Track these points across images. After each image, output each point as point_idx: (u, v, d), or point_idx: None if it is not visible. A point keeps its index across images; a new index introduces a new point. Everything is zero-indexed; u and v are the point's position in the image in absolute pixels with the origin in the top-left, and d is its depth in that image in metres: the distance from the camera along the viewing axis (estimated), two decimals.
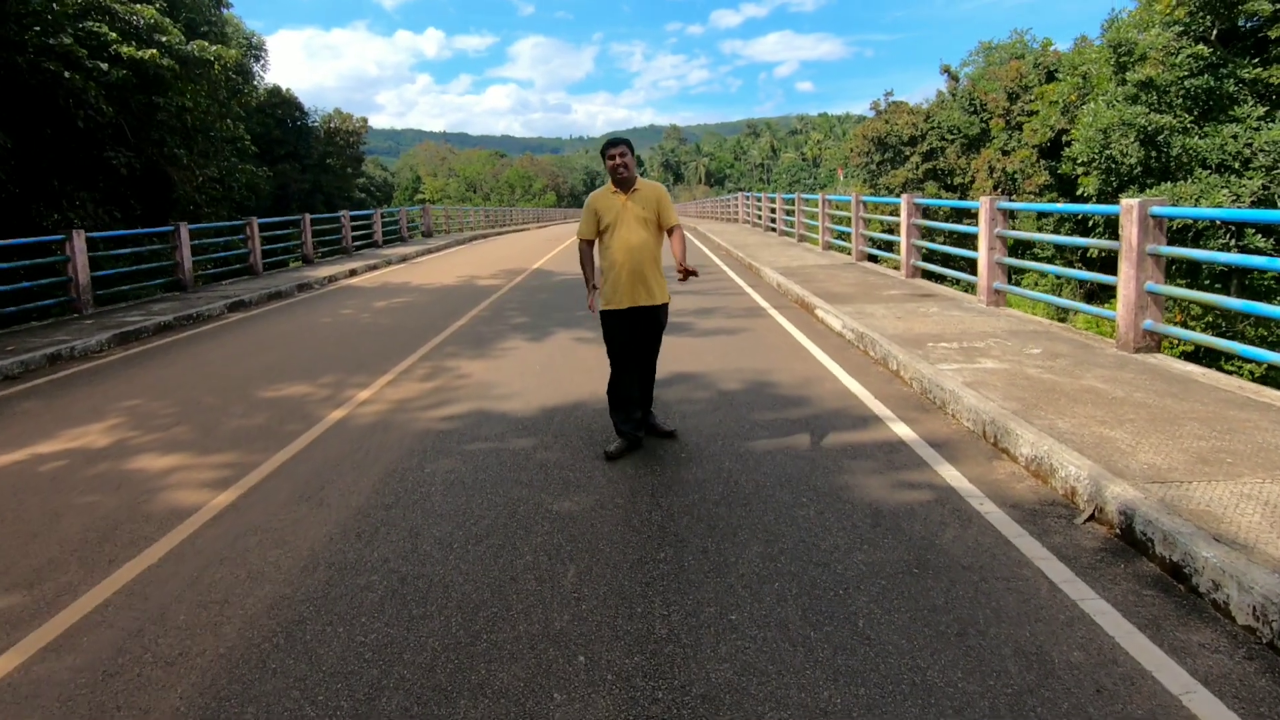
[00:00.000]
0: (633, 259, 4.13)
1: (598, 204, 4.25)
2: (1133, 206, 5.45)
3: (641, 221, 4.16)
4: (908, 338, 6.35)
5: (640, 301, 4.18)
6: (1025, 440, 3.88)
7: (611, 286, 4.19)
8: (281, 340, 8.12)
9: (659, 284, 4.24)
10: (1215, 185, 17.78)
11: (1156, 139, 18.83)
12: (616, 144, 4.18)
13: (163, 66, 14.50)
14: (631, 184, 4.19)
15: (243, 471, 4.20)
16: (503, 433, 4.70)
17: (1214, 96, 18.73)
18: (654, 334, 4.32)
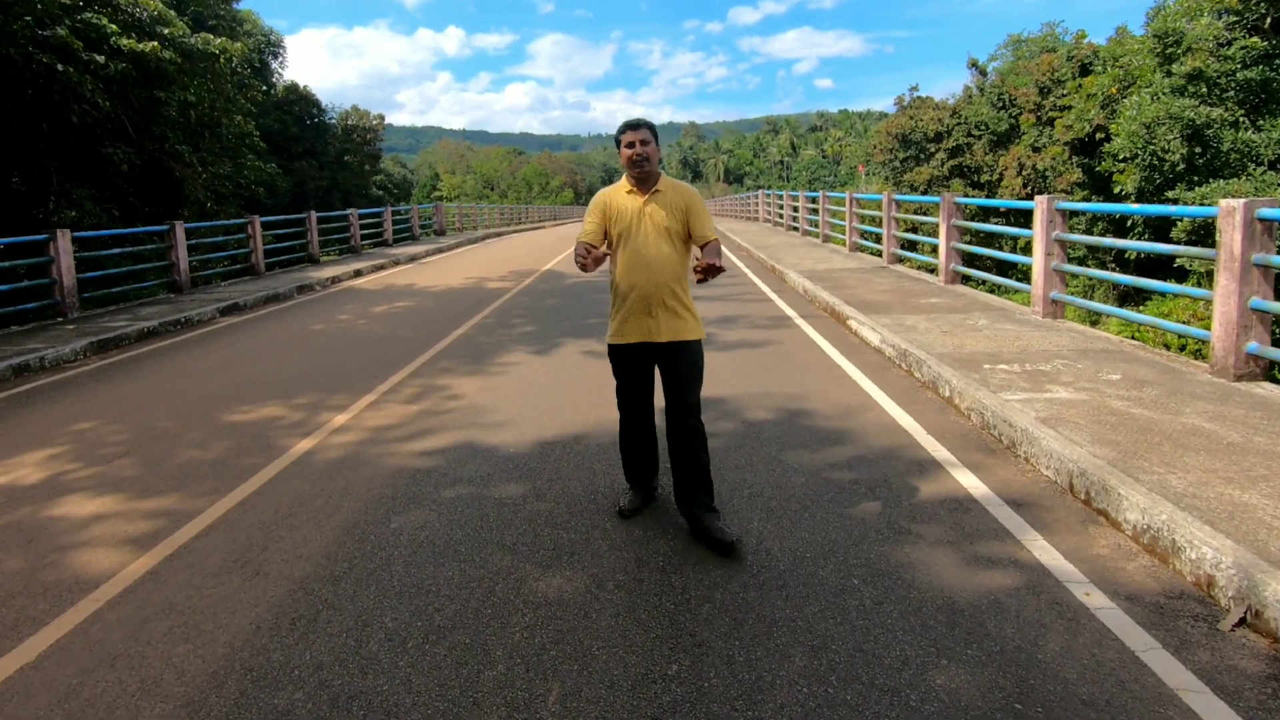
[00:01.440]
0: (649, 280, 3.12)
1: (608, 204, 3.23)
2: (1235, 208, 4.62)
3: (663, 233, 3.17)
4: (959, 357, 5.56)
5: (656, 337, 3.16)
6: (1132, 503, 3.10)
7: (619, 314, 3.23)
8: (266, 350, 7.49)
9: (686, 314, 3.20)
10: (1272, 183, 16.65)
11: (1205, 134, 17.71)
12: (635, 126, 3.16)
13: (165, 60, 14.00)
14: (653, 182, 3.20)
15: (178, 522, 3.53)
16: (489, 474, 3.99)
17: (1269, 89, 17.60)
18: (682, 382, 3.19)
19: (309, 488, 3.89)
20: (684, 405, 3.21)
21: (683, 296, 3.21)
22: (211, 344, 7.99)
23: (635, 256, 3.16)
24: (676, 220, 3.19)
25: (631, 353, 3.25)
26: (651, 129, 3.20)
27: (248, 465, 4.24)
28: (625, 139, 3.17)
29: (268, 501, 3.73)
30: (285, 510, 3.62)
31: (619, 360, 3.32)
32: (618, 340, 3.26)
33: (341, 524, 3.45)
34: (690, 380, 3.22)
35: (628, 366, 3.30)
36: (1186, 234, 17.76)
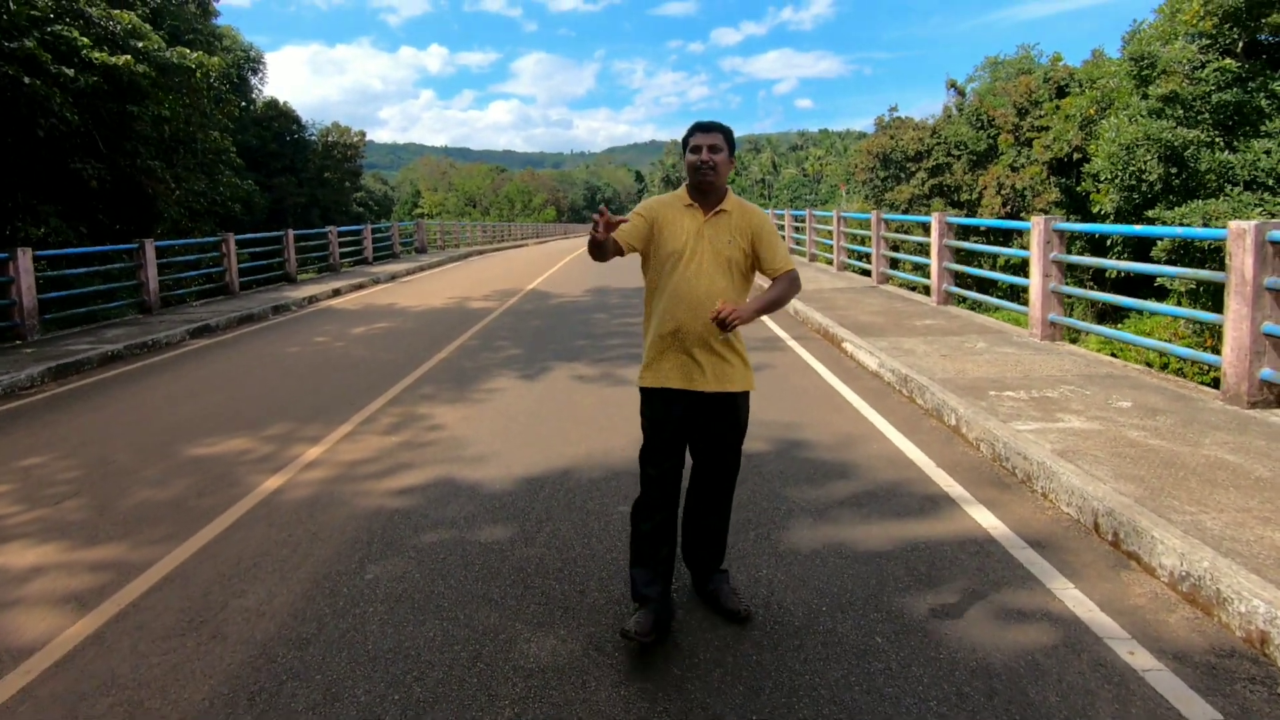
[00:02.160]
0: (695, 319, 2.54)
1: (660, 215, 2.65)
2: (1246, 230, 4.49)
3: (723, 263, 2.59)
4: (962, 383, 5.37)
5: (699, 384, 2.59)
6: (1168, 547, 2.89)
7: (657, 351, 2.62)
8: (237, 375, 7.13)
9: (735, 358, 2.63)
10: (1249, 204, 16.88)
11: (1183, 155, 17.95)
12: (707, 129, 2.60)
13: (138, 74, 13.65)
14: (718, 198, 2.64)
15: (127, 575, 3.20)
16: (472, 515, 3.70)
17: (1242, 111, 17.91)
18: (726, 440, 2.69)
19: (276, 533, 3.57)
20: (722, 472, 2.72)
21: (734, 340, 2.64)
22: (179, 368, 7.61)
23: (684, 287, 2.56)
24: (740, 248, 2.62)
25: (669, 401, 2.62)
26: (727, 135, 2.63)
27: (209, 506, 3.91)
28: (694, 141, 2.61)
29: (229, 549, 3.41)
30: (248, 560, 3.30)
31: (653, 408, 2.66)
32: (653, 383, 2.63)
33: (311, 575, 3.14)
34: (736, 443, 2.72)
35: (663, 418, 2.63)
36: (1166, 253, 17.94)
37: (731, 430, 2.70)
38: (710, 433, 2.69)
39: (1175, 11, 18.36)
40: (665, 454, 2.65)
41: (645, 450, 2.70)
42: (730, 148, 2.63)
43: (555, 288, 13.87)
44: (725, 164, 2.61)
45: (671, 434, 2.65)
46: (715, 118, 2.77)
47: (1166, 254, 17.80)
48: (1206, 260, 17.65)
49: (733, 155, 2.65)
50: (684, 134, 2.71)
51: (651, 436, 2.67)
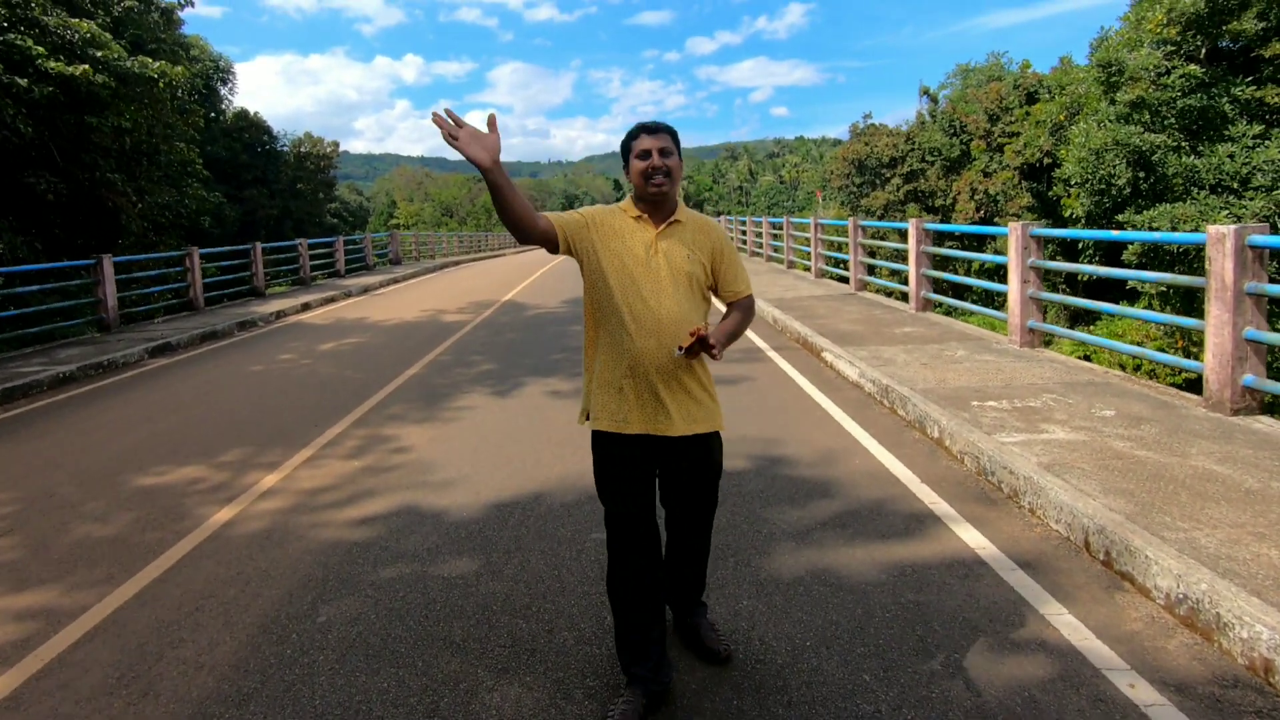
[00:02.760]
0: (661, 347, 2.20)
1: (601, 221, 2.29)
2: (1225, 234, 4.43)
3: (683, 279, 2.25)
4: (944, 393, 5.26)
5: (668, 428, 2.24)
6: (1163, 567, 2.76)
7: (610, 387, 2.25)
8: (195, 397, 6.84)
9: (704, 395, 2.32)
10: (1215, 207, 17.15)
11: (1151, 159, 18.23)
12: (654, 130, 2.27)
13: (97, 84, 13.26)
14: (670, 209, 2.31)
15: (56, 624, 2.95)
16: (436, 547, 3.49)
17: (1207, 116, 18.23)
18: (700, 491, 2.42)
19: (223, 571, 3.33)
20: (698, 521, 2.47)
21: (700, 372, 2.32)
22: (134, 390, 7.29)
23: (643, 310, 2.20)
24: (700, 264, 2.29)
25: (627, 445, 2.26)
26: (675, 136, 2.30)
27: (152, 543, 3.66)
28: (640, 145, 2.24)
29: (170, 592, 3.17)
30: (191, 603, 3.06)
31: (611, 457, 2.28)
32: (609, 426, 2.24)
33: (258, 620, 2.91)
34: (711, 488, 2.44)
35: (625, 469, 2.27)
36: (1137, 257, 18.18)
37: (706, 473, 2.41)
38: (684, 482, 2.39)
39: (1140, 19, 18.70)
40: (631, 487, 2.29)
41: (604, 485, 2.32)
42: (679, 149, 2.31)
43: (532, 299, 13.66)
44: (678, 169, 2.28)
45: (637, 487, 2.31)
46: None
47: (1137, 257, 18.04)
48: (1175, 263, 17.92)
49: (681, 158, 2.32)
50: (624, 138, 2.33)
51: (610, 473, 2.31)
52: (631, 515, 2.30)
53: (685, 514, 2.47)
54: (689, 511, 2.47)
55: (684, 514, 2.47)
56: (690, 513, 2.47)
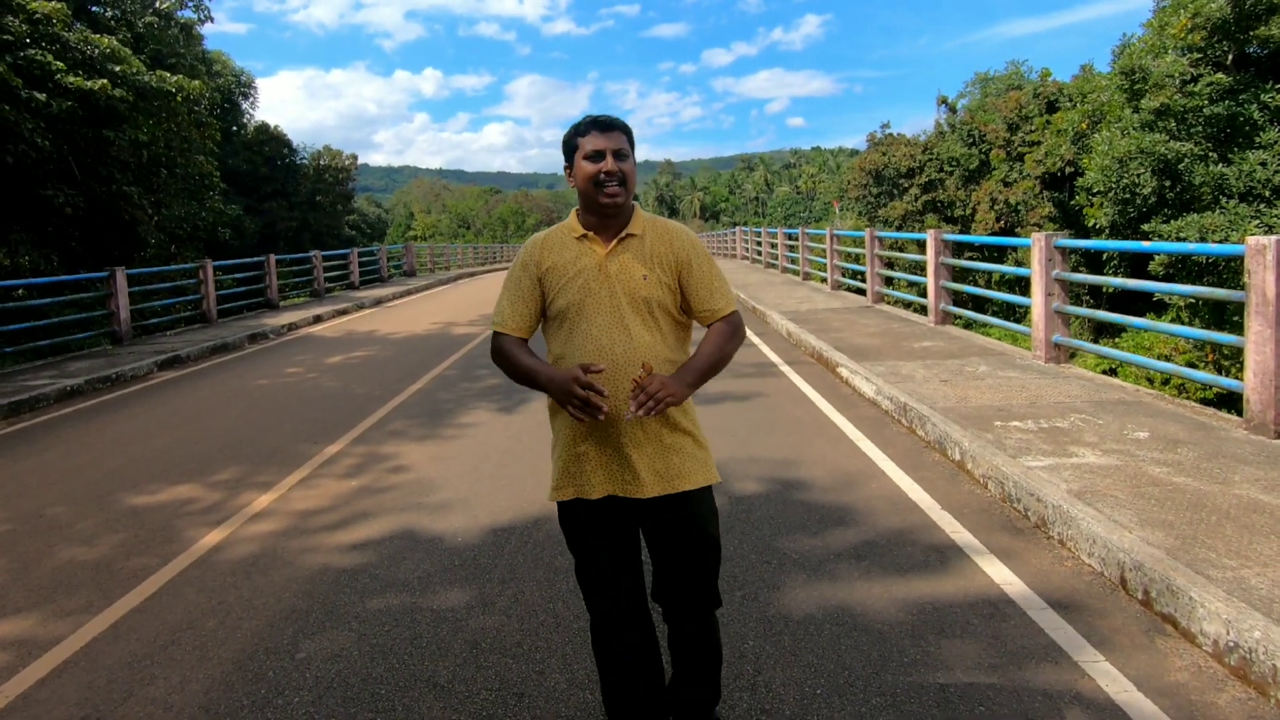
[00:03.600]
0: (618, 391, 1.82)
1: (541, 258, 1.93)
2: (1267, 245, 4.18)
3: (640, 306, 1.86)
4: (965, 412, 5.02)
5: (636, 489, 1.85)
6: (1210, 611, 2.52)
7: (568, 445, 1.91)
8: (198, 412, 6.75)
9: (684, 440, 1.90)
10: (1245, 216, 16.71)
11: (1177, 168, 17.81)
12: (606, 126, 1.87)
13: (115, 98, 13.40)
14: (623, 220, 1.91)
15: (27, 656, 2.81)
16: (428, 575, 3.32)
17: (1235, 123, 17.80)
18: (689, 558, 1.93)
19: (205, 600, 3.18)
20: (692, 595, 1.95)
21: (678, 415, 1.89)
22: (139, 405, 7.23)
23: (591, 349, 1.83)
24: (663, 283, 1.89)
25: (597, 517, 1.90)
26: (629, 135, 1.89)
27: (137, 568, 3.52)
28: (590, 144, 1.84)
29: (149, 622, 3.02)
30: (167, 635, 2.91)
31: (578, 535, 1.94)
32: (570, 494, 1.90)
33: (235, 655, 2.75)
34: (703, 553, 1.94)
35: (595, 545, 1.92)
36: (1164, 268, 17.74)
37: (697, 538, 1.92)
38: (668, 548, 1.93)
39: (1164, 25, 18.33)
40: (607, 571, 1.92)
41: (580, 571, 1.96)
42: (631, 144, 1.89)
43: None
44: (634, 174, 1.88)
45: (611, 556, 1.92)
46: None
47: (1164, 269, 17.60)
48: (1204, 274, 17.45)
49: (633, 155, 1.90)
50: (568, 132, 1.91)
51: (581, 555, 1.95)
52: (612, 615, 1.92)
53: (675, 605, 1.96)
54: (678, 601, 1.96)
55: (674, 605, 1.97)
56: (679, 601, 1.95)
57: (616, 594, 1.94)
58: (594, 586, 1.95)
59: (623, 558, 1.94)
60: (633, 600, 1.96)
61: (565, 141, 1.92)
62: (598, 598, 1.96)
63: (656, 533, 1.93)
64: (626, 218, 1.92)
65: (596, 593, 1.95)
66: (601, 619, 1.96)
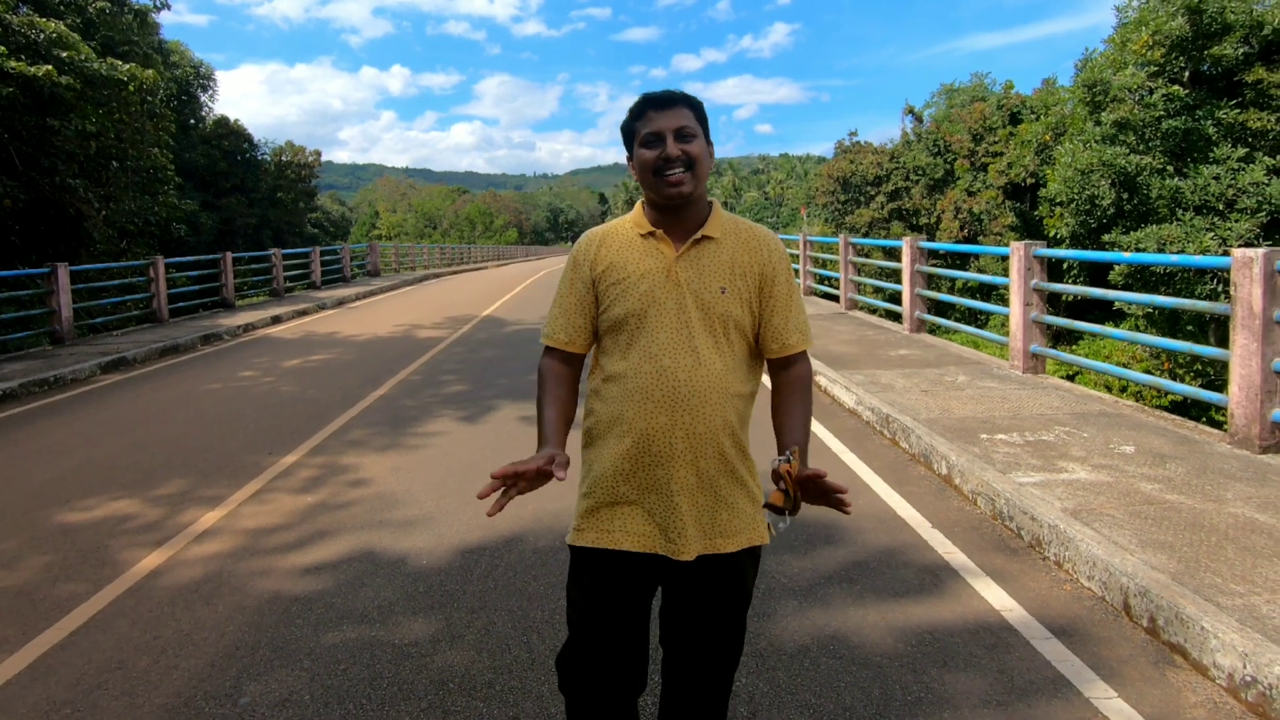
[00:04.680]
0: (675, 421, 1.51)
1: (597, 257, 1.61)
2: (1254, 258, 4.14)
3: (718, 324, 1.55)
4: (949, 423, 4.91)
5: (682, 549, 1.52)
6: (1224, 643, 2.40)
7: (606, 481, 1.57)
8: (142, 418, 6.33)
9: (739, 494, 1.59)
10: (1200, 228, 17.17)
11: (1136, 180, 18.25)
12: (665, 102, 1.54)
13: (60, 85, 12.71)
14: (699, 216, 1.59)
15: None
16: (390, 603, 3.06)
17: (1191, 138, 18.30)
18: (720, 623, 1.61)
19: (138, 634, 2.87)
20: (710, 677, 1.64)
21: (736, 461, 1.57)
22: (78, 410, 6.77)
23: (651, 370, 1.51)
24: (743, 298, 1.57)
25: (622, 570, 1.56)
26: (697, 109, 1.57)
27: (63, 597, 3.18)
28: (647, 127, 1.53)
29: (72, 661, 2.70)
30: (92, 677, 2.60)
31: (591, 583, 1.58)
32: (594, 540, 1.56)
33: (168, 701, 2.45)
34: (735, 627, 1.63)
35: (610, 600, 1.56)
36: (1123, 278, 18.15)
37: (731, 607, 1.61)
38: (694, 613, 1.59)
39: (1125, 41, 18.78)
40: (610, 662, 1.56)
41: (572, 653, 1.59)
42: (705, 127, 1.58)
43: (512, 314, 13.23)
44: (704, 157, 1.54)
45: (622, 626, 1.56)
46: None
47: (1123, 278, 18.01)
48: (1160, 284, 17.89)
49: (709, 139, 1.60)
50: (625, 118, 1.60)
51: (585, 630, 1.57)
52: (607, 668, 1.57)
53: (695, 663, 1.63)
54: (702, 659, 1.63)
55: (692, 668, 1.64)
56: (703, 662, 1.63)
57: (608, 683, 1.58)
58: (581, 668, 1.58)
59: (635, 637, 1.59)
60: (628, 692, 1.60)
61: (623, 130, 1.61)
62: (583, 686, 1.58)
63: (692, 591, 1.59)
64: (703, 215, 1.60)
65: (581, 678, 1.58)
66: (584, 664, 1.58)
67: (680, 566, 1.56)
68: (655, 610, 1.75)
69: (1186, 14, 17.26)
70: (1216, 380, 15.84)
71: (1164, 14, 17.66)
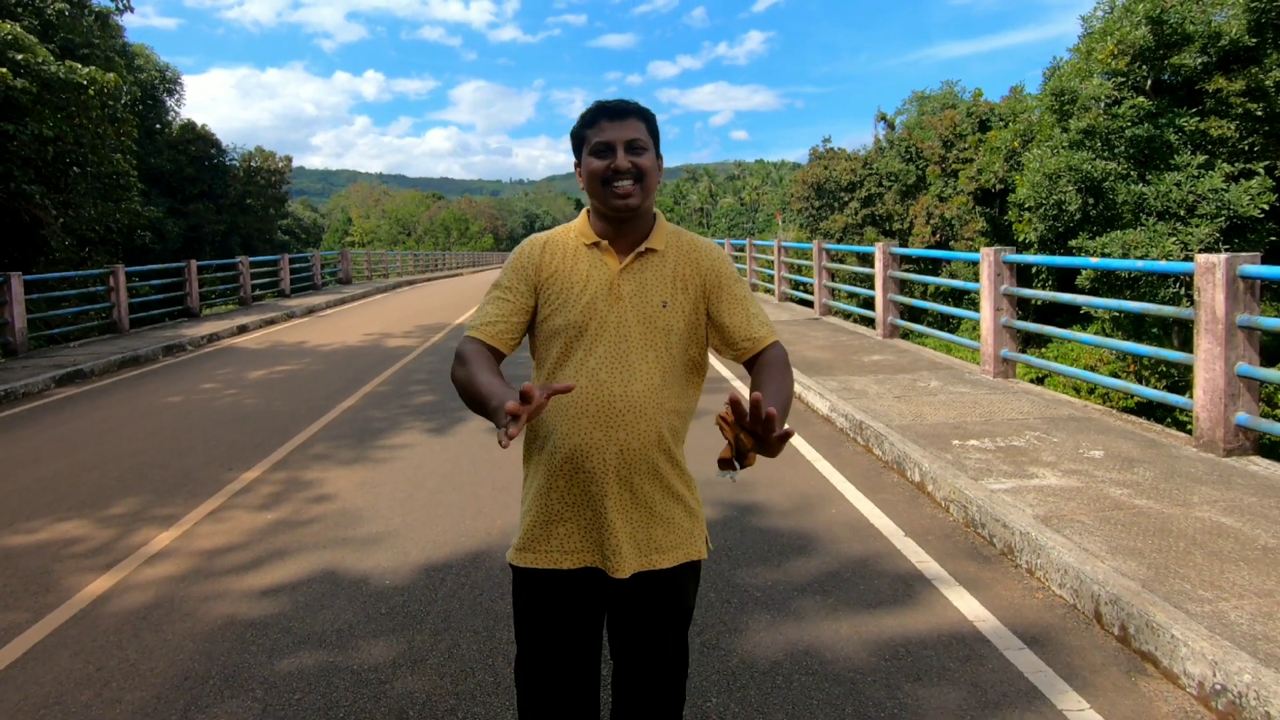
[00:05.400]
0: (610, 438, 1.47)
1: (542, 264, 1.57)
2: (1216, 264, 4.19)
3: (659, 337, 1.52)
4: (921, 429, 4.91)
5: (616, 565, 1.49)
6: (1193, 651, 2.39)
7: (540, 500, 1.54)
8: (96, 434, 6.11)
9: (675, 508, 1.56)
10: (1163, 233, 17.56)
11: (1101, 186, 18.63)
12: (618, 112, 1.52)
13: (15, 88, 12.35)
14: (644, 228, 1.57)
15: None
16: (350, 626, 2.94)
17: (1154, 145, 18.73)
18: (658, 637, 1.57)
19: (81, 666, 2.73)
20: (656, 691, 1.60)
21: (671, 477, 1.55)
22: (28, 426, 6.52)
23: (592, 387, 1.48)
24: (683, 311, 1.55)
25: (565, 588, 1.53)
26: (649, 120, 1.54)
27: (2, 626, 3.02)
28: (597, 136, 1.50)
29: (7, 698, 2.55)
30: (28, 714, 2.46)
31: (533, 603, 1.56)
32: (531, 560, 1.53)
33: None
34: (674, 645, 1.60)
35: (552, 620, 1.54)
36: (1090, 281, 18.49)
37: (671, 623, 1.58)
38: (635, 629, 1.57)
39: (1090, 50, 19.19)
40: (564, 670, 1.55)
41: (525, 663, 1.58)
42: (656, 141, 1.55)
43: None
44: (653, 171, 1.52)
45: (576, 637, 1.55)
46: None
47: (1090, 282, 18.35)
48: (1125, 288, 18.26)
49: (659, 152, 1.57)
50: (576, 124, 1.56)
51: (533, 642, 1.56)
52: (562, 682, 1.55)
53: (638, 683, 1.60)
54: (644, 672, 1.59)
55: (636, 682, 1.60)
56: (646, 682, 1.59)
57: (565, 693, 1.55)
58: (535, 677, 1.56)
59: (583, 653, 1.56)
60: (582, 680, 1.57)
61: (573, 135, 1.57)
62: (541, 697, 1.56)
63: (631, 605, 1.55)
64: (647, 227, 1.57)
65: (538, 687, 1.56)
66: (536, 680, 1.56)
67: (618, 583, 1.53)
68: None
69: (1149, 24, 17.68)
70: (1180, 382, 16.16)
71: (1128, 24, 18.09)
